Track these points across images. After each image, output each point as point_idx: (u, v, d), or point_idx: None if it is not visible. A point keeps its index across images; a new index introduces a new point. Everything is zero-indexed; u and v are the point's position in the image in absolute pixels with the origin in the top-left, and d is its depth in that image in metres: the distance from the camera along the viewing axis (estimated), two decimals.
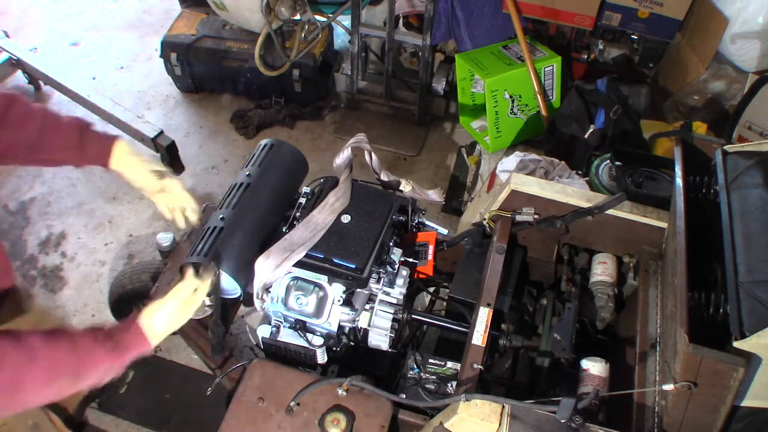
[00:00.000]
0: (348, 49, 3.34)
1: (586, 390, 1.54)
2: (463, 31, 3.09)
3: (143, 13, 4.12)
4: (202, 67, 3.35)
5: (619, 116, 2.57)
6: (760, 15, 2.62)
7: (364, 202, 1.73)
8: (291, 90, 3.35)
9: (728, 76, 2.84)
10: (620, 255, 1.86)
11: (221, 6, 3.16)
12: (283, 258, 1.57)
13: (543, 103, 2.98)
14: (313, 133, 3.38)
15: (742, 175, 1.48)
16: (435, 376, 1.68)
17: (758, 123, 2.64)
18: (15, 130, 1.41)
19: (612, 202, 1.74)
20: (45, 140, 1.45)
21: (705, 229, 1.50)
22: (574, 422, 1.26)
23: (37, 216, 2.97)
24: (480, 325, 1.58)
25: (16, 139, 1.42)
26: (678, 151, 1.62)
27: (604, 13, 2.92)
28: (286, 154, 1.83)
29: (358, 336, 1.68)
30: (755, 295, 1.23)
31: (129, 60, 3.79)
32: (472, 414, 1.36)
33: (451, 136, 3.39)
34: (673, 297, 1.42)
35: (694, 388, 1.27)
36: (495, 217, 1.86)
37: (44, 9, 4.10)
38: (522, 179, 1.82)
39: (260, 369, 1.59)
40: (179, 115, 3.48)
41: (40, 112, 1.46)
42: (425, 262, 1.86)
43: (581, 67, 3.27)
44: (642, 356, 1.59)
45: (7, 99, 1.41)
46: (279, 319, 1.67)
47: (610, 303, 1.79)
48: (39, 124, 1.44)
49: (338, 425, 1.48)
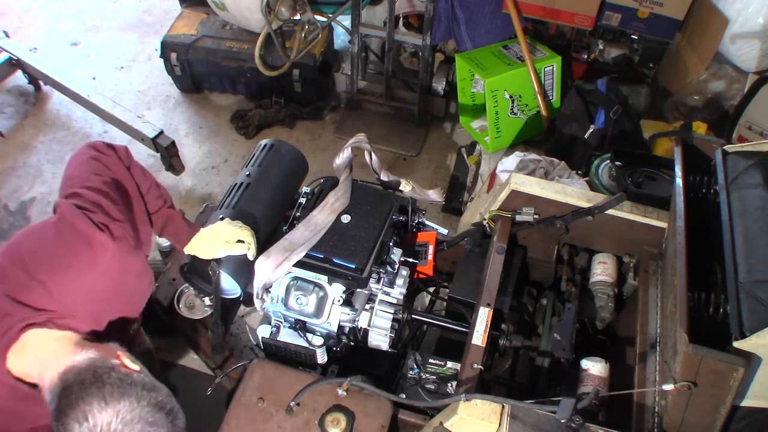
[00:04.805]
0: (348, 49, 3.34)
1: (586, 390, 1.54)
2: (463, 31, 3.09)
3: (143, 13, 4.12)
4: (202, 67, 3.35)
5: (619, 116, 2.57)
6: (760, 15, 2.62)
7: (364, 202, 1.73)
8: (291, 90, 3.34)
9: (728, 76, 2.84)
10: (620, 255, 1.86)
11: (221, 6, 3.16)
12: (283, 258, 1.57)
13: (543, 103, 2.98)
14: (313, 133, 3.38)
15: (742, 175, 1.48)
16: (435, 376, 1.68)
17: (758, 123, 2.64)
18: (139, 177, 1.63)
19: (612, 202, 1.74)
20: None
21: (705, 229, 1.51)
22: (574, 422, 1.26)
23: (37, 216, 2.97)
24: (480, 325, 1.58)
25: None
26: (678, 151, 1.62)
27: (604, 13, 2.92)
28: (286, 154, 1.83)
29: (358, 336, 1.68)
30: (755, 295, 1.23)
31: (129, 60, 3.79)
32: (472, 414, 1.36)
33: (451, 136, 3.39)
34: (673, 297, 1.42)
35: (694, 388, 1.27)
36: (495, 217, 1.86)
37: (44, 9, 4.10)
38: (522, 179, 1.82)
39: (260, 369, 1.59)
40: (179, 115, 3.48)
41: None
42: (425, 262, 1.86)
43: (581, 67, 3.27)
44: (642, 356, 1.59)
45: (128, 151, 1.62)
46: (279, 319, 1.67)
47: (610, 303, 1.79)
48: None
49: (338, 425, 1.49)
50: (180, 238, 1.67)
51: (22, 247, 1.31)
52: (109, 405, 1.06)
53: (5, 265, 1.28)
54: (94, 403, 1.06)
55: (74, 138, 3.31)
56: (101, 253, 1.35)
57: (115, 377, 1.10)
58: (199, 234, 1.56)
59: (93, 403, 1.06)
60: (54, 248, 1.32)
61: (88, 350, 1.16)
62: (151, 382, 1.14)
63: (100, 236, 1.35)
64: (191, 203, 2.99)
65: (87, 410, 1.05)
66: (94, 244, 1.34)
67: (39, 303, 1.24)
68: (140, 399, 1.09)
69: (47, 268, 1.28)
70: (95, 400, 1.06)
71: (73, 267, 1.31)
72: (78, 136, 3.31)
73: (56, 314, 1.25)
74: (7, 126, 3.35)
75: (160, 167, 3.05)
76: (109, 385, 1.08)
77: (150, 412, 1.09)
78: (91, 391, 1.07)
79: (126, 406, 1.07)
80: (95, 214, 1.37)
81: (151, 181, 1.66)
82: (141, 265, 1.49)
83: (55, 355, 1.16)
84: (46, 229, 1.36)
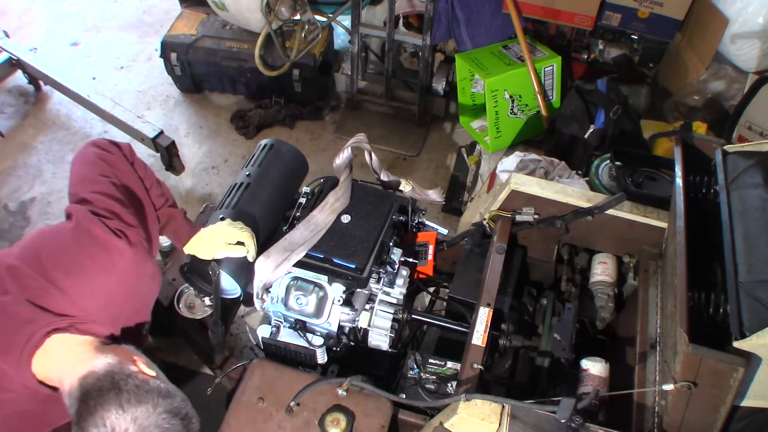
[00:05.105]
0: (348, 49, 3.34)
1: (586, 390, 1.54)
2: (463, 31, 3.09)
3: (143, 13, 4.12)
4: (202, 67, 3.35)
5: (619, 116, 2.57)
6: (760, 15, 2.62)
7: (364, 202, 1.73)
8: (291, 90, 3.34)
9: (728, 76, 2.84)
10: (620, 255, 1.86)
11: (221, 6, 3.16)
12: (283, 258, 1.57)
13: (543, 103, 2.98)
14: (313, 133, 3.38)
15: (742, 175, 1.48)
16: (435, 376, 1.68)
17: (758, 123, 2.64)
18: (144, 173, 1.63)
19: (612, 202, 1.74)
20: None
21: (705, 229, 1.50)
22: (574, 422, 1.26)
23: (37, 216, 2.97)
24: (480, 325, 1.58)
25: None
26: (678, 151, 1.62)
27: (604, 13, 2.92)
28: (286, 154, 1.83)
29: (358, 336, 1.68)
30: (755, 295, 1.23)
31: (129, 60, 3.79)
32: (472, 414, 1.36)
33: (451, 136, 3.39)
34: (673, 297, 1.42)
35: (694, 388, 1.27)
36: (495, 217, 1.86)
37: (44, 9, 4.10)
38: (522, 179, 1.82)
39: (260, 369, 1.59)
40: (179, 115, 3.47)
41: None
42: (425, 262, 1.86)
43: (581, 67, 3.27)
44: (642, 356, 1.59)
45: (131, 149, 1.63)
46: (279, 319, 1.67)
47: (610, 303, 1.79)
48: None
49: (338, 425, 1.48)
50: (180, 236, 1.67)
51: (40, 252, 1.32)
52: (126, 412, 1.10)
53: (25, 270, 1.28)
54: (112, 410, 1.10)
55: (74, 138, 3.31)
56: (119, 260, 1.36)
57: (132, 384, 1.13)
58: (199, 234, 1.56)
59: (111, 410, 1.10)
60: (73, 254, 1.32)
61: (107, 355, 1.19)
62: (166, 389, 1.17)
63: (118, 243, 1.36)
64: (191, 203, 2.99)
65: (105, 416, 1.09)
66: (112, 250, 1.35)
67: (60, 309, 1.26)
68: (156, 406, 1.12)
69: (67, 275, 1.29)
70: (113, 407, 1.10)
71: (93, 273, 1.32)
72: (78, 136, 3.31)
73: (77, 319, 1.27)
74: (7, 126, 3.35)
75: (160, 167, 3.05)
76: (126, 392, 1.12)
77: (166, 418, 1.12)
78: (109, 397, 1.11)
79: (143, 412, 1.11)
80: (111, 221, 1.38)
81: (153, 179, 1.66)
82: (153, 266, 1.50)
83: (76, 360, 1.19)
84: (63, 234, 1.36)
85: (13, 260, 1.30)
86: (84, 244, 1.34)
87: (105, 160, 1.53)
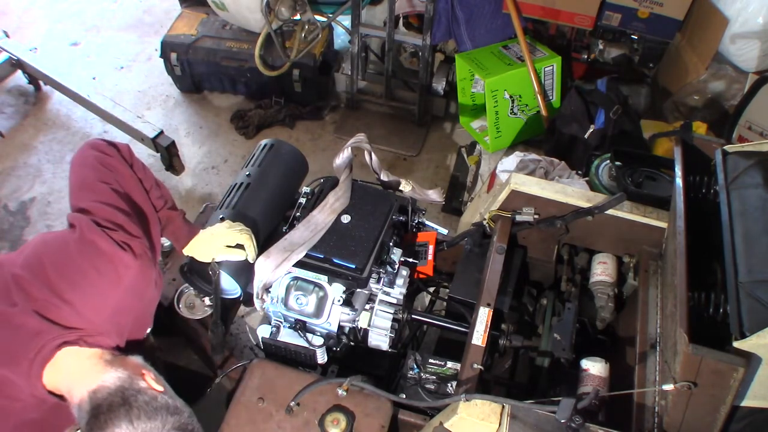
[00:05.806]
0: (348, 49, 3.34)
1: (586, 390, 1.54)
2: (463, 31, 3.09)
3: (143, 13, 4.12)
4: (202, 67, 3.35)
5: (619, 116, 2.57)
6: (760, 15, 2.62)
7: (364, 202, 1.73)
8: (291, 90, 3.34)
9: (728, 76, 2.84)
10: (620, 255, 1.86)
11: (221, 6, 3.16)
12: (283, 258, 1.57)
13: (543, 103, 2.98)
14: (313, 133, 3.38)
15: (742, 175, 1.48)
16: (435, 376, 1.68)
17: (758, 123, 2.64)
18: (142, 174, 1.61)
19: (612, 202, 1.74)
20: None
21: (705, 229, 1.50)
22: (574, 422, 1.26)
23: (37, 216, 2.97)
24: (480, 325, 1.58)
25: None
26: (678, 151, 1.62)
27: (604, 13, 2.92)
28: (286, 154, 1.83)
29: (358, 336, 1.68)
30: (755, 295, 1.23)
31: (129, 60, 3.79)
32: (472, 414, 1.36)
33: (451, 136, 3.39)
34: (673, 297, 1.42)
35: (694, 388, 1.27)
36: (495, 217, 1.86)
37: (44, 9, 4.10)
38: (522, 179, 1.82)
39: (260, 369, 1.59)
40: (179, 115, 3.48)
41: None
42: (425, 262, 1.86)
43: (581, 67, 3.27)
44: (642, 356, 1.59)
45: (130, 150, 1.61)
46: (279, 319, 1.67)
47: (610, 303, 1.79)
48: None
49: (338, 425, 1.48)
50: (179, 238, 1.67)
51: (44, 262, 1.30)
52: (136, 428, 1.12)
53: (31, 281, 1.27)
54: (123, 426, 1.12)
55: (74, 138, 3.31)
56: (124, 273, 1.35)
57: (141, 400, 1.15)
58: (198, 236, 1.56)
59: (122, 426, 1.11)
60: (77, 266, 1.31)
61: (117, 369, 1.20)
62: (174, 405, 1.19)
63: (123, 256, 1.35)
64: (191, 203, 2.99)
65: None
66: (118, 264, 1.34)
67: (68, 322, 1.26)
68: (165, 423, 1.14)
69: (73, 287, 1.29)
70: (123, 422, 1.12)
71: (99, 287, 1.32)
72: (78, 136, 3.31)
73: (85, 332, 1.26)
74: (7, 126, 3.35)
75: (160, 167, 3.05)
76: (136, 408, 1.14)
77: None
78: (119, 413, 1.12)
79: (152, 428, 1.13)
80: (116, 233, 1.36)
81: (152, 180, 1.65)
82: (157, 273, 1.50)
83: (86, 373, 1.20)
84: (67, 244, 1.34)
85: (18, 270, 1.29)
86: (89, 257, 1.32)
87: (104, 164, 1.51)
